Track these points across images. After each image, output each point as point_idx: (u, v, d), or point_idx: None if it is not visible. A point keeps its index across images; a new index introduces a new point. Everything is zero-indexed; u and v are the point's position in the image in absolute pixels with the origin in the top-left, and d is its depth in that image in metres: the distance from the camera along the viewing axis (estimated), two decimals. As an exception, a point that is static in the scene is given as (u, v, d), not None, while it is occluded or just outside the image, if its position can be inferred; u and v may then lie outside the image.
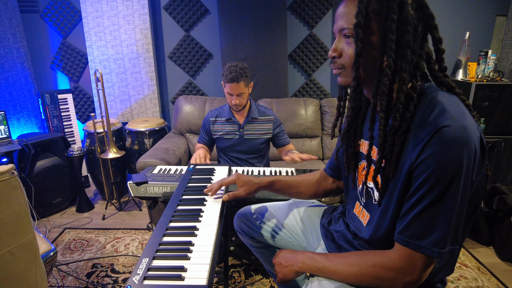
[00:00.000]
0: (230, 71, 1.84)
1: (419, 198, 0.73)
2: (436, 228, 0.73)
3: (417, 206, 0.74)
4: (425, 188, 0.72)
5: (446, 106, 0.72)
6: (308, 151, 2.74)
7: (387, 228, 0.84)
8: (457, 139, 0.68)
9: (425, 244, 0.73)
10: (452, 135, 0.68)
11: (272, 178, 1.20)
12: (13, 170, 0.92)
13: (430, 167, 0.71)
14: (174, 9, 2.95)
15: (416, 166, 0.73)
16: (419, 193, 0.73)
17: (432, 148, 0.70)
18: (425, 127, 0.72)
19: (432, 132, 0.70)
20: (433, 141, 0.70)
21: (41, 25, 3.03)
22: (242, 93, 1.89)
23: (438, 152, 0.70)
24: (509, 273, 1.92)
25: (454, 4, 2.76)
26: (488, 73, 2.41)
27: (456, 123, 0.69)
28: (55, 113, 2.88)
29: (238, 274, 1.89)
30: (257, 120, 2.05)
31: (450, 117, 0.70)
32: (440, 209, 0.72)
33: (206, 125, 2.10)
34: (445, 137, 0.69)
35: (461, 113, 0.72)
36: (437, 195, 0.71)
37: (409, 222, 0.75)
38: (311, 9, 2.88)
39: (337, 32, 0.84)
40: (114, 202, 2.74)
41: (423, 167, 0.72)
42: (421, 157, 0.72)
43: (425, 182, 0.72)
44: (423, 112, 0.75)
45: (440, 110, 0.72)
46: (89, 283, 1.82)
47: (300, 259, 0.95)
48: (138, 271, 0.76)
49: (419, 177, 0.73)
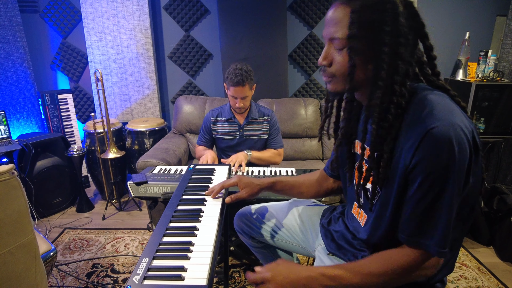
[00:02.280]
0: (235, 75, 1.81)
1: (420, 199, 0.74)
2: (440, 227, 0.74)
3: (420, 207, 0.75)
4: (424, 189, 0.73)
5: (435, 105, 0.73)
6: (308, 151, 2.75)
7: (385, 229, 0.85)
8: (446, 137, 0.69)
9: (432, 243, 0.75)
10: (441, 135, 0.69)
11: (274, 179, 1.20)
12: (13, 170, 0.92)
13: (425, 168, 0.72)
14: (174, 9, 2.95)
15: (411, 168, 0.74)
16: (419, 194, 0.74)
17: (424, 150, 0.71)
18: (415, 128, 0.73)
19: (422, 134, 0.71)
20: (424, 143, 0.71)
21: (41, 25, 3.03)
22: (246, 96, 1.89)
23: (430, 153, 0.71)
24: (509, 273, 1.92)
25: (454, 4, 2.76)
26: (488, 73, 2.41)
27: (445, 122, 0.70)
28: (55, 113, 2.88)
29: (238, 274, 1.89)
30: (257, 121, 2.05)
31: (439, 117, 0.71)
32: (441, 208, 0.73)
33: (207, 124, 2.09)
34: (435, 138, 0.70)
35: (450, 111, 0.73)
36: (435, 195, 0.72)
37: (415, 223, 0.76)
38: (311, 9, 2.88)
39: (326, 39, 0.81)
40: (114, 202, 2.74)
41: (418, 169, 0.73)
42: (415, 160, 0.73)
43: (423, 183, 0.73)
44: (414, 111, 0.76)
45: (429, 110, 0.73)
46: (89, 283, 1.82)
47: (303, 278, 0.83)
48: (138, 271, 0.76)
49: (416, 179, 0.74)
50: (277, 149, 2.09)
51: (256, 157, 1.98)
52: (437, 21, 2.78)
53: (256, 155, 1.98)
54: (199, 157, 2.07)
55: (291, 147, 2.73)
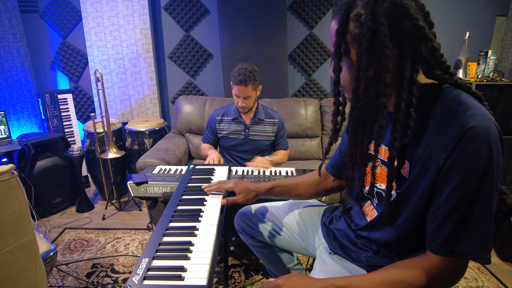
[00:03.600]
0: (239, 73, 1.83)
1: (455, 204, 0.71)
2: (480, 232, 0.71)
3: (456, 212, 0.71)
4: (461, 191, 0.70)
5: (470, 104, 0.71)
6: (308, 151, 2.75)
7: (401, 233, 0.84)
8: (485, 137, 0.67)
9: (471, 250, 0.71)
10: (480, 134, 0.67)
11: (270, 184, 1.19)
12: (13, 170, 0.92)
13: (463, 169, 0.69)
14: (174, 9, 2.95)
15: (446, 170, 0.71)
16: (454, 199, 0.71)
17: (462, 151, 0.68)
18: (449, 127, 0.70)
19: (460, 134, 0.68)
20: (462, 143, 0.68)
21: (41, 25, 3.03)
22: (249, 96, 1.89)
23: (469, 153, 0.68)
24: (509, 273, 1.92)
25: (454, 4, 2.76)
26: (488, 73, 2.41)
27: (482, 122, 0.68)
28: (55, 113, 2.88)
29: (238, 274, 1.89)
30: (263, 122, 2.06)
31: (476, 116, 0.69)
32: (481, 211, 0.70)
33: (212, 124, 2.10)
34: (474, 138, 0.67)
35: (483, 110, 0.71)
36: (473, 197, 0.69)
37: (450, 230, 0.72)
38: (311, 9, 2.88)
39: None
40: (114, 202, 2.74)
41: (454, 170, 0.70)
42: (450, 161, 0.70)
43: (459, 186, 0.69)
44: (446, 110, 0.73)
45: (465, 108, 0.70)
46: (89, 283, 1.82)
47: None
48: (138, 271, 0.76)
49: (450, 181, 0.70)
50: (286, 150, 2.14)
51: (275, 163, 1.99)
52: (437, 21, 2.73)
53: (276, 160, 2.00)
54: (204, 155, 2.08)
55: (291, 147, 2.73)
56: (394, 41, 0.72)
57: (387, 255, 0.91)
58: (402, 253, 0.88)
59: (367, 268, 0.95)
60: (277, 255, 1.41)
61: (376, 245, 0.93)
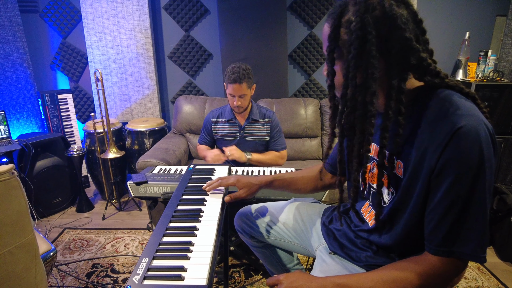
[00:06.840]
0: (233, 72, 1.83)
1: (450, 204, 0.71)
2: (476, 231, 0.71)
3: (451, 212, 0.71)
4: (454, 192, 0.70)
5: (460, 104, 0.71)
6: (308, 151, 2.75)
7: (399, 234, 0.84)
8: (476, 136, 0.67)
9: (469, 250, 0.71)
10: (471, 133, 0.67)
11: (271, 177, 1.21)
12: (13, 170, 0.92)
13: (455, 169, 0.69)
14: (174, 9, 2.95)
15: (438, 170, 0.71)
16: (449, 199, 0.71)
17: (453, 150, 0.69)
18: (440, 127, 0.71)
19: (450, 133, 0.69)
20: (453, 143, 0.68)
21: (41, 25, 3.03)
22: (244, 94, 1.88)
23: (460, 153, 0.68)
24: (509, 273, 1.92)
25: (454, 4, 2.76)
26: (488, 73, 2.41)
27: (472, 121, 0.68)
28: (55, 113, 2.88)
29: (238, 274, 1.89)
30: (258, 122, 2.04)
31: (465, 116, 0.69)
32: (476, 211, 0.70)
33: (207, 126, 2.09)
34: (464, 137, 0.68)
35: (473, 109, 0.71)
36: (467, 197, 0.70)
37: (446, 231, 0.72)
38: (311, 9, 2.88)
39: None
40: (114, 202, 2.73)
41: (446, 170, 0.70)
42: (442, 161, 0.70)
43: (452, 186, 0.70)
44: (438, 110, 0.73)
45: (455, 108, 0.71)
46: (89, 283, 1.82)
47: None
48: (138, 271, 0.76)
49: (443, 182, 0.71)
50: (279, 151, 2.08)
51: (256, 160, 1.98)
52: (437, 21, 2.78)
53: (257, 157, 1.98)
54: (202, 156, 2.07)
55: (291, 147, 2.73)
56: (381, 51, 0.72)
57: (387, 255, 0.91)
58: (402, 253, 0.88)
59: (367, 268, 0.95)
60: (277, 255, 1.41)
61: (376, 246, 0.93)
